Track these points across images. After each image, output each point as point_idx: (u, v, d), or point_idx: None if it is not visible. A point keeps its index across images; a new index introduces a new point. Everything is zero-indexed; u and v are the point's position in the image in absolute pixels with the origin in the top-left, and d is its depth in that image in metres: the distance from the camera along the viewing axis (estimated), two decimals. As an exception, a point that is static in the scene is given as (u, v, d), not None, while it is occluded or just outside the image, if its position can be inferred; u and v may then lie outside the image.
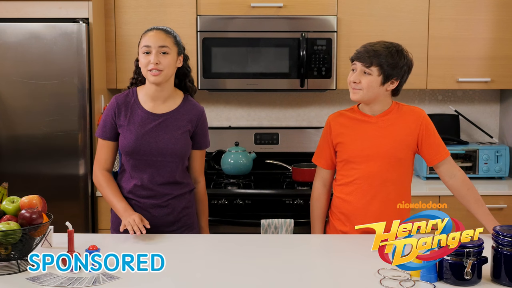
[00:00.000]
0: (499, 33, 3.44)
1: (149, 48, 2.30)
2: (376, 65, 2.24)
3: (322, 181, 2.48)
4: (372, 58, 2.24)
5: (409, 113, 2.33)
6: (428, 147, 2.32)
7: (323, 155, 2.45)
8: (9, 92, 3.11)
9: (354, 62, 2.30)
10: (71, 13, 3.15)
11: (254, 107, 3.85)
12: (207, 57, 3.39)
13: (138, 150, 2.33)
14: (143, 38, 2.34)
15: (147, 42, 2.31)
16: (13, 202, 1.92)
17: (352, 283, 1.78)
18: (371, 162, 2.29)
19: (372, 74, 2.25)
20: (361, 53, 2.26)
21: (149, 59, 2.30)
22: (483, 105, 3.85)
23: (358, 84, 2.27)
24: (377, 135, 2.30)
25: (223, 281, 1.79)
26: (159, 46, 2.30)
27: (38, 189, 2.46)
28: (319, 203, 2.49)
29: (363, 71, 2.26)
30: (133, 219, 2.21)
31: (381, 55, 2.25)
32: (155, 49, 2.30)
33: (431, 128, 2.33)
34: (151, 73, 2.30)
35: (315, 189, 2.50)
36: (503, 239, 1.71)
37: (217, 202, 3.17)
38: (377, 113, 2.33)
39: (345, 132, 2.36)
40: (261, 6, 3.40)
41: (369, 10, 3.42)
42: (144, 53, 2.31)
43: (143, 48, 2.31)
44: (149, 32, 2.35)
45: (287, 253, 2.07)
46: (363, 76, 2.26)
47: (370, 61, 2.24)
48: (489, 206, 3.19)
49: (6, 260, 1.85)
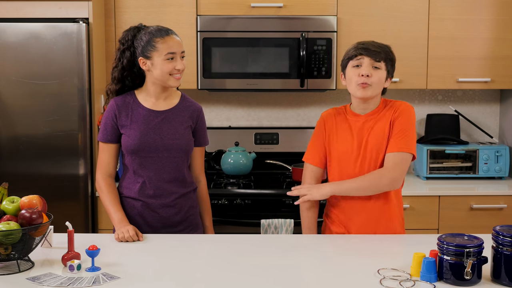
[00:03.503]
0: (499, 33, 3.44)
1: (174, 55, 2.31)
2: (384, 60, 2.21)
3: (315, 179, 2.36)
4: (381, 53, 2.20)
5: (392, 107, 2.27)
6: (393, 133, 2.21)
7: (315, 151, 2.36)
8: (9, 92, 3.11)
9: (358, 57, 2.21)
10: (71, 13, 3.15)
11: (254, 107, 3.84)
12: (207, 57, 3.39)
13: (143, 148, 2.34)
14: (163, 43, 2.30)
15: (172, 49, 2.31)
16: (13, 202, 1.92)
17: (352, 283, 1.78)
18: (361, 160, 2.26)
19: (381, 69, 2.21)
20: (369, 48, 2.20)
21: (174, 65, 2.31)
22: (483, 105, 3.85)
23: (369, 78, 2.19)
24: (364, 133, 2.26)
25: (223, 281, 1.79)
26: (181, 51, 2.34)
27: (38, 189, 2.47)
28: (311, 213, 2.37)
29: (372, 66, 2.20)
30: (127, 230, 2.20)
31: (386, 51, 2.24)
32: (179, 54, 2.33)
33: (404, 117, 2.22)
34: (175, 77, 2.33)
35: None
36: (503, 239, 1.71)
37: (217, 202, 3.17)
38: (367, 111, 2.29)
39: (336, 131, 2.32)
40: (261, 6, 3.40)
41: (369, 10, 3.42)
42: (168, 59, 2.30)
43: (168, 55, 2.30)
44: (168, 37, 2.31)
45: (287, 253, 2.07)
46: (373, 71, 2.20)
47: (380, 56, 2.19)
48: (489, 206, 3.23)
49: (6, 260, 1.85)
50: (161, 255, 2.04)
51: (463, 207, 3.24)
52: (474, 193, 3.26)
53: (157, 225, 2.38)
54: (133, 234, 2.19)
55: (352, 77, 2.23)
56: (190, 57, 3.36)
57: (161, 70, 2.31)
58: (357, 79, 2.21)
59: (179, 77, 2.34)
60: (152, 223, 2.38)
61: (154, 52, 2.30)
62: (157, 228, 2.37)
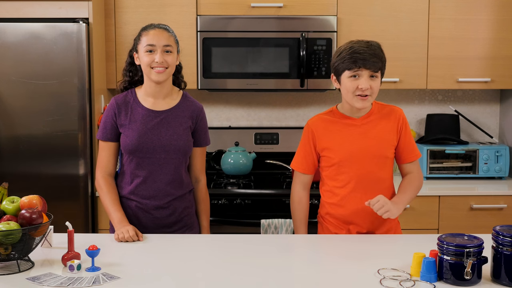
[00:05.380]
0: (499, 33, 3.44)
1: (153, 47, 2.30)
2: (380, 68, 2.23)
3: (302, 185, 2.42)
4: (378, 63, 2.21)
5: (390, 112, 2.34)
6: (404, 145, 2.34)
7: (305, 160, 2.38)
8: (9, 92, 3.11)
9: (357, 70, 2.20)
10: (71, 13, 3.15)
11: (254, 107, 3.84)
12: (207, 57, 3.39)
13: (141, 148, 2.33)
14: (145, 36, 2.32)
15: (151, 41, 2.30)
16: (13, 202, 1.92)
17: (352, 283, 1.78)
18: (362, 164, 2.28)
19: (378, 77, 2.24)
20: (366, 59, 2.18)
21: (154, 58, 2.29)
22: (483, 105, 3.85)
23: (369, 90, 2.20)
24: (364, 137, 2.29)
25: (223, 281, 1.79)
26: (163, 45, 2.30)
27: (38, 189, 2.47)
28: (301, 206, 2.43)
29: (370, 75, 2.21)
30: (127, 230, 2.20)
31: (380, 56, 2.24)
32: (160, 48, 2.30)
33: (408, 127, 2.37)
34: (155, 70, 2.30)
35: (295, 193, 2.43)
36: (503, 239, 1.71)
37: (217, 202, 3.17)
38: (361, 114, 2.31)
39: (330, 137, 2.33)
40: (261, 6, 3.40)
41: (369, 10, 3.42)
42: (147, 51, 2.30)
43: (147, 47, 2.30)
44: (151, 30, 2.32)
45: (287, 253, 2.07)
46: (371, 81, 2.21)
47: (377, 66, 2.21)
48: (489, 206, 3.23)
49: (6, 260, 1.85)
50: (161, 255, 2.04)
51: (463, 207, 3.24)
52: (474, 193, 3.26)
53: (151, 226, 2.37)
54: (133, 234, 2.19)
55: (350, 88, 2.23)
56: (190, 57, 3.36)
57: (142, 62, 2.33)
58: (356, 91, 2.22)
59: (159, 71, 2.29)
60: (146, 223, 2.37)
61: (139, 45, 2.34)
62: (151, 229, 2.36)
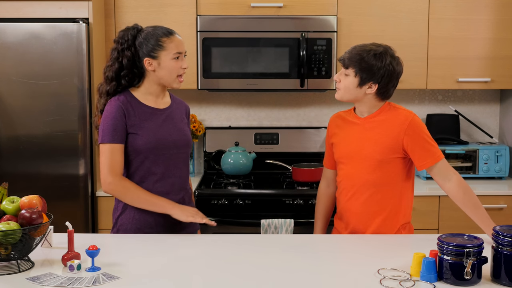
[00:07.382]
0: (499, 33, 3.44)
1: (180, 54, 2.35)
2: (352, 67, 2.27)
3: (326, 181, 2.53)
4: (348, 60, 2.28)
5: (397, 116, 2.28)
6: (415, 152, 2.27)
7: (327, 155, 2.51)
8: (9, 92, 3.11)
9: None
10: (71, 13, 3.15)
11: (254, 107, 3.85)
12: (207, 57, 3.39)
13: (157, 145, 2.33)
14: (171, 43, 2.32)
15: (180, 48, 2.34)
16: (13, 202, 1.92)
17: (352, 283, 1.78)
18: (353, 163, 2.32)
19: (350, 75, 2.29)
20: (343, 55, 2.32)
21: (181, 64, 2.34)
22: (483, 105, 3.85)
23: (338, 84, 2.33)
24: (360, 136, 2.32)
25: (223, 281, 1.79)
26: (185, 51, 2.38)
27: (38, 189, 2.47)
28: (320, 203, 2.54)
29: (343, 72, 2.31)
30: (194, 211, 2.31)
31: (357, 58, 2.26)
32: (183, 54, 2.37)
33: (418, 132, 2.25)
34: (180, 78, 2.36)
35: (318, 189, 2.56)
36: (503, 239, 1.71)
37: (217, 202, 3.17)
38: (364, 114, 2.35)
39: (337, 133, 2.41)
40: (261, 6, 3.40)
41: (369, 10, 3.42)
42: (175, 58, 2.33)
43: (176, 54, 2.32)
44: (173, 37, 2.34)
45: (287, 253, 2.07)
46: (342, 77, 2.31)
47: (347, 64, 2.29)
48: (489, 206, 3.22)
49: (6, 260, 1.85)
50: (161, 255, 2.04)
51: (463, 207, 3.23)
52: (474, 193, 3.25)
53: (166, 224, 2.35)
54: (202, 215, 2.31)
55: None
56: (190, 57, 3.36)
57: (168, 69, 2.32)
58: None
59: (182, 80, 2.38)
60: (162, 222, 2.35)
61: (162, 52, 2.31)
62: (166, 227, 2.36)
